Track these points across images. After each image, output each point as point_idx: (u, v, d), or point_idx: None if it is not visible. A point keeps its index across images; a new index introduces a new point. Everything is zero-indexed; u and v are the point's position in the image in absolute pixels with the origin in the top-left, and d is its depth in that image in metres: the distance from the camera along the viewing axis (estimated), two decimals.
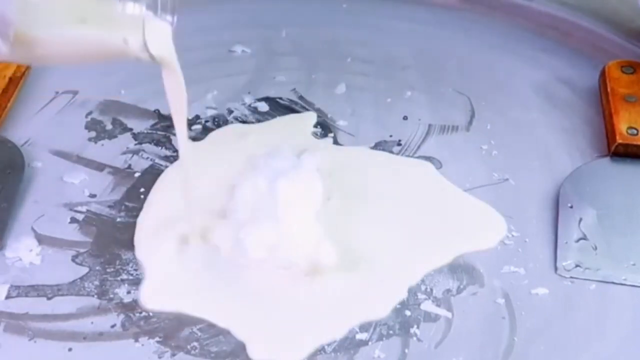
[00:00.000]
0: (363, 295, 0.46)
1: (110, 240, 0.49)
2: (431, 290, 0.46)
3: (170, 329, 0.44)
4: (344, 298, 0.46)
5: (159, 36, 0.42)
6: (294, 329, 0.44)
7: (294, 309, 0.45)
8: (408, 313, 0.45)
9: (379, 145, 0.56)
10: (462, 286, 0.46)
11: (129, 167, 0.55)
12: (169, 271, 0.47)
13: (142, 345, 0.43)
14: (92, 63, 0.42)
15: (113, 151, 0.56)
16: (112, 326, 0.44)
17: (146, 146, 0.56)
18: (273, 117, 0.59)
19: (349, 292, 0.46)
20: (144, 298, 0.46)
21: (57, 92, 0.61)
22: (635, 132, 0.53)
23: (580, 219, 0.49)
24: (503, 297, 0.46)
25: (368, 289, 0.46)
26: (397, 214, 0.51)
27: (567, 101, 0.60)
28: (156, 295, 0.46)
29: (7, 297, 0.46)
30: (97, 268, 0.48)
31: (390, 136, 0.57)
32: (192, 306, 0.45)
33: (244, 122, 0.59)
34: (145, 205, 0.51)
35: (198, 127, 0.58)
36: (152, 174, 0.54)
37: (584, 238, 0.48)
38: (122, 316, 0.45)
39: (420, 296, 0.46)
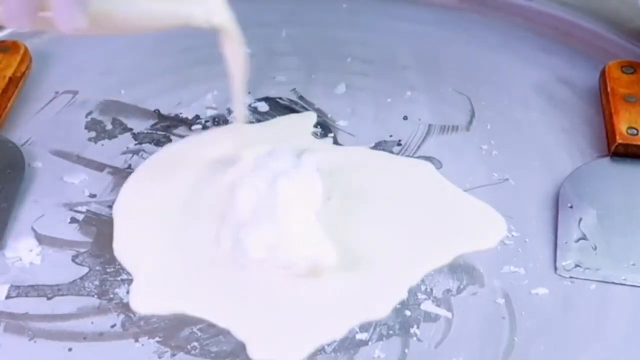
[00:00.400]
0: (363, 295, 0.46)
1: (110, 240, 0.49)
2: (431, 290, 0.46)
3: (170, 329, 0.44)
4: (344, 298, 0.46)
5: (218, 6, 0.47)
6: (294, 329, 0.44)
7: (294, 309, 0.45)
8: (408, 313, 0.45)
9: (379, 145, 0.56)
10: (462, 286, 0.46)
11: (129, 167, 0.55)
12: (159, 273, 0.47)
13: (142, 345, 0.43)
14: (154, 31, 0.47)
15: (113, 151, 0.56)
16: (112, 326, 0.44)
17: (146, 146, 0.56)
18: (273, 117, 0.59)
19: (349, 292, 0.46)
20: (134, 303, 0.45)
21: (57, 92, 0.61)
22: (635, 132, 0.53)
23: (580, 219, 0.49)
24: (503, 297, 0.46)
25: (368, 289, 0.46)
26: (397, 214, 0.51)
27: (567, 101, 0.60)
28: (148, 298, 0.46)
29: (7, 297, 0.46)
30: (97, 268, 0.48)
31: (390, 136, 0.57)
32: (192, 306, 0.45)
33: None
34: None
35: (198, 127, 0.58)
36: None
37: (584, 238, 0.48)
38: (122, 316, 0.45)
39: (420, 296, 0.46)
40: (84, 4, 0.41)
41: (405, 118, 0.59)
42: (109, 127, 0.58)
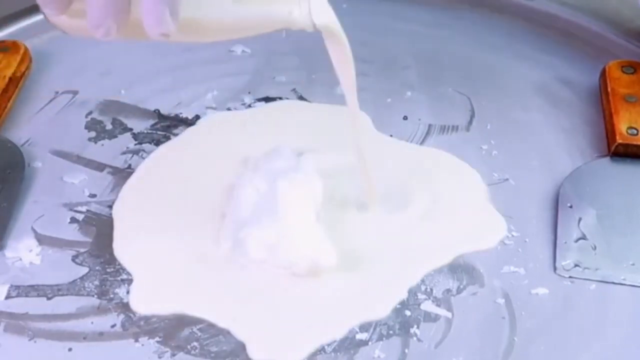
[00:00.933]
0: (363, 295, 0.46)
1: (110, 240, 0.49)
2: (431, 290, 0.46)
3: (170, 329, 0.44)
4: (344, 298, 0.46)
5: (320, 5, 0.43)
6: (294, 329, 0.44)
7: (294, 309, 0.45)
8: (408, 313, 0.45)
9: None
10: (462, 286, 0.46)
11: (129, 167, 0.55)
12: (159, 273, 0.47)
13: (142, 345, 0.43)
14: (248, 36, 0.43)
15: (113, 151, 0.56)
16: (112, 326, 0.44)
17: (146, 146, 0.56)
18: None
19: (349, 292, 0.46)
20: (134, 303, 0.45)
21: (57, 92, 0.61)
22: (635, 132, 0.53)
23: (580, 219, 0.49)
24: (503, 297, 0.46)
25: (368, 289, 0.46)
26: (397, 214, 0.51)
27: (567, 101, 0.60)
28: (148, 298, 0.46)
29: (7, 297, 0.46)
30: (97, 268, 0.48)
31: (391, 136, 0.57)
32: (192, 306, 0.45)
33: None
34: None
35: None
36: None
37: (584, 238, 0.48)
38: (122, 316, 0.45)
39: (420, 296, 0.46)
40: (174, 6, 0.38)
41: (405, 118, 0.59)
42: (109, 127, 0.58)
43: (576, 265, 0.47)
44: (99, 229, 0.50)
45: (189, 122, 0.58)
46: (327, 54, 0.65)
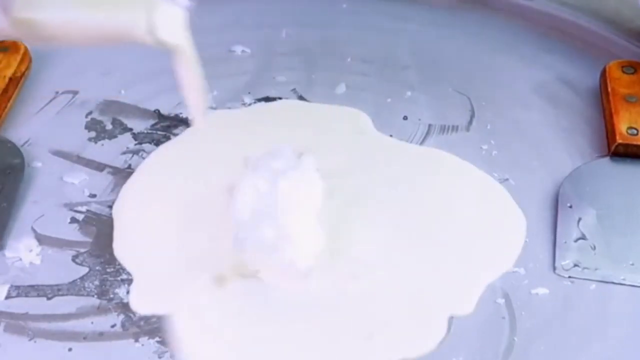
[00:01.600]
0: (363, 294, 0.46)
1: (110, 240, 0.49)
2: None
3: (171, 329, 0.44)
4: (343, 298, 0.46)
5: (169, 20, 0.40)
6: (293, 328, 0.44)
7: (294, 309, 0.45)
8: None
9: None
10: None
11: (129, 167, 0.55)
12: (159, 273, 0.47)
13: (142, 345, 0.43)
14: (101, 45, 0.41)
15: (113, 151, 0.56)
16: (112, 326, 0.44)
17: (146, 146, 0.56)
18: None
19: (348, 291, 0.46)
20: (134, 303, 0.45)
21: (57, 92, 0.61)
22: (635, 132, 0.53)
23: (580, 219, 0.49)
24: (503, 297, 0.46)
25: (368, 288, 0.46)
26: (399, 215, 0.51)
27: (567, 101, 0.60)
28: (148, 298, 0.46)
29: (7, 297, 0.46)
30: (97, 268, 0.48)
31: (391, 136, 0.57)
32: (192, 306, 0.45)
33: None
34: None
35: None
36: None
37: (583, 238, 0.48)
38: (122, 316, 0.45)
39: None
40: (7, 1, 0.36)
41: (405, 118, 0.59)
42: (109, 127, 0.58)
43: (576, 265, 0.47)
44: (99, 229, 0.50)
45: (189, 122, 0.58)
46: (327, 54, 0.66)
